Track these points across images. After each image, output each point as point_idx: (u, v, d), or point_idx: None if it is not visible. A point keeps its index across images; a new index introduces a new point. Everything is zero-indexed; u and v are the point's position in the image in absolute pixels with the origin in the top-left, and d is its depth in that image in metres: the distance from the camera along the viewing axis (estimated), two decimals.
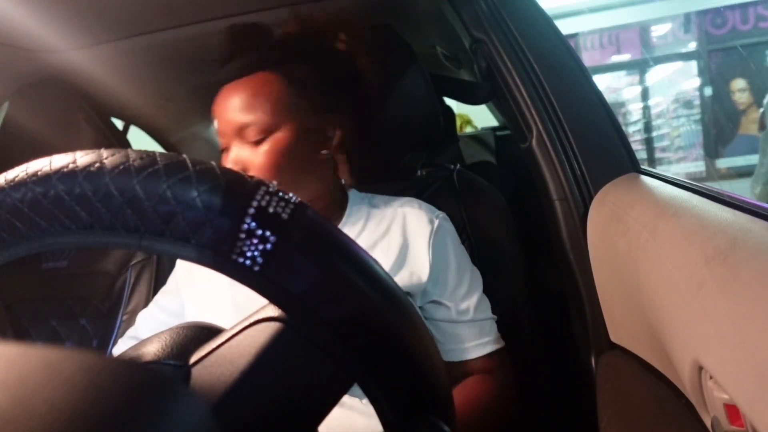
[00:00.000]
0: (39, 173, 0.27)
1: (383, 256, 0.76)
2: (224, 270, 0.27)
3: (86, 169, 0.27)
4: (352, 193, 0.85)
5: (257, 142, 0.71)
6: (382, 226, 0.79)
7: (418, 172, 1.01)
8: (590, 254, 0.74)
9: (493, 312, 0.82)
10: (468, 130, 2.66)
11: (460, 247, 0.82)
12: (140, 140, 1.60)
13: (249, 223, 0.27)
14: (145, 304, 0.91)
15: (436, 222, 0.79)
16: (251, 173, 0.68)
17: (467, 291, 0.78)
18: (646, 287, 0.55)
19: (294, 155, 0.72)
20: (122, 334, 0.89)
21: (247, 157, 0.72)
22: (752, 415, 0.33)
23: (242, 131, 0.71)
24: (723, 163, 6.01)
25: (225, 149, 0.75)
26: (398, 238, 0.77)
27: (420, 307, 0.79)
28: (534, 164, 0.83)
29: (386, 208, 0.81)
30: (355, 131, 0.80)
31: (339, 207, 0.81)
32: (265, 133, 0.71)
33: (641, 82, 6.24)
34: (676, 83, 6.22)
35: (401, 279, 0.75)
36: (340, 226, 0.78)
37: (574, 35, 6.08)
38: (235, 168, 0.67)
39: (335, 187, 0.82)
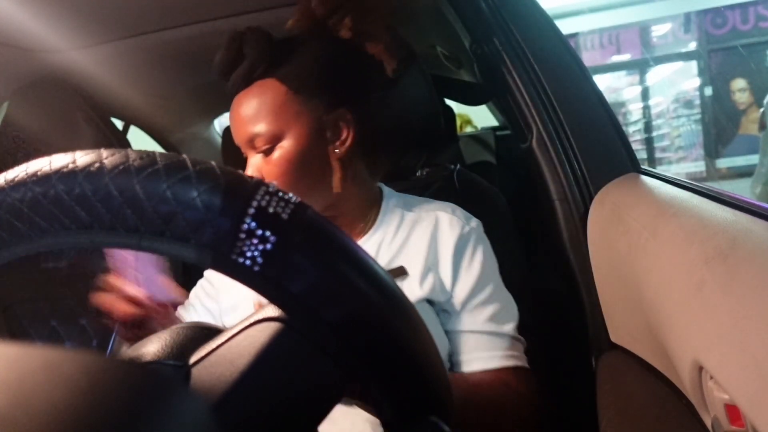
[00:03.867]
0: (39, 173, 0.27)
1: (409, 261, 0.73)
2: (224, 270, 0.27)
3: (86, 169, 0.27)
4: (388, 194, 0.82)
5: (267, 151, 0.71)
6: (415, 231, 0.76)
7: (418, 172, 1.01)
8: (590, 254, 0.74)
9: None
10: (468, 130, 2.65)
11: (489, 260, 0.76)
12: (140, 140, 1.60)
13: (249, 223, 0.27)
14: None
15: (467, 227, 0.76)
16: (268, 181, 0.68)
17: (484, 301, 0.73)
18: (646, 287, 0.55)
19: (306, 160, 0.71)
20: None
21: (261, 165, 0.72)
22: (752, 415, 0.33)
23: (252, 141, 0.71)
24: (723, 163, 6.02)
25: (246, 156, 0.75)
26: (426, 242, 0.74)
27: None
28: (534, 164, 0.83)
29: (420, 212, 0.78)
30: (369, 121, 0.75)
31: (370, 209, 0.79)
32: (273, 142, 0.70)
33: (641, 82, 6.25)
34: (676, 83, 6.23)
35: (428, 286, 0.71)
36: (372, 230, 0.77)
37: (574, 35, 6.09)
38: (256, 176, 0.66)
39: (364, 188, 0.79)
